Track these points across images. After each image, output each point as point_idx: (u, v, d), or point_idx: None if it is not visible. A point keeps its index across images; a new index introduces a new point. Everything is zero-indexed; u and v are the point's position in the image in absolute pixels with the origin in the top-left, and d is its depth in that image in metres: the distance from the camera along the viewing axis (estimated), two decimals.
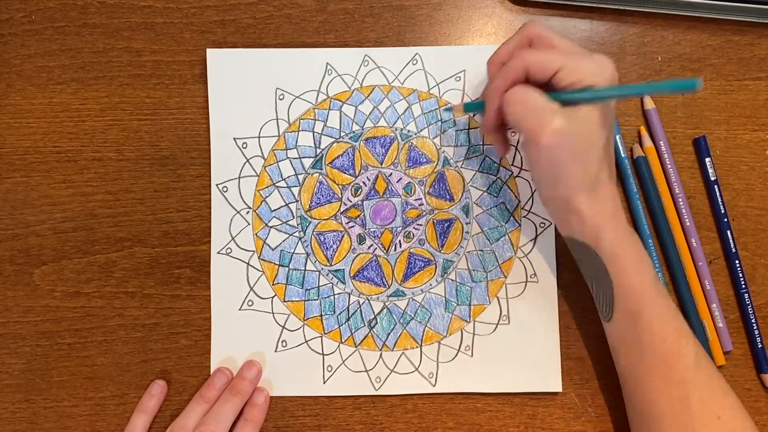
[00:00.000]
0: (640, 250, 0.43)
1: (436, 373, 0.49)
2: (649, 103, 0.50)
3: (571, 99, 0.39)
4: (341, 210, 0.50)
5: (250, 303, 0.49)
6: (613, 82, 0.40)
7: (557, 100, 0.39)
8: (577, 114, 0.39)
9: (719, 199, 0.49)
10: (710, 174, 0.49)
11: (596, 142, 0.40)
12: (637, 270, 0.42)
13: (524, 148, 0.42)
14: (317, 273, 0.49)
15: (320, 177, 0.50)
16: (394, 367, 0.49)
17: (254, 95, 0.50)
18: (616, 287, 0.42)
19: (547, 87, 0.40)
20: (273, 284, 0.49)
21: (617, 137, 0.49)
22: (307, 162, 0.50)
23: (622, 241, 0.42)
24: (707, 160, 0.50)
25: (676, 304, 0.49)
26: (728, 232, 0.49)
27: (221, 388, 0.47)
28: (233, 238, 0.49)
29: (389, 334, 0.49)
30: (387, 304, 0.49)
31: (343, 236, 0.49)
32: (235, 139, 0.50)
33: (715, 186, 0.49)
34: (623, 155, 0.49)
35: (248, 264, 0.49)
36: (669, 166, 0.49)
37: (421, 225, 0.50)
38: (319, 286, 0.49)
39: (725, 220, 0.49)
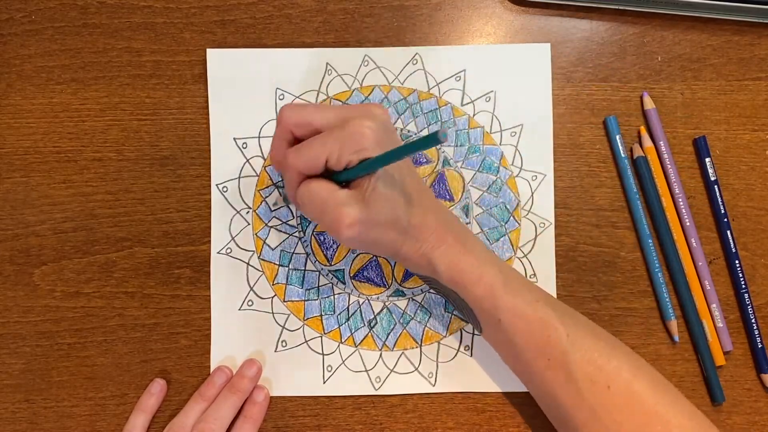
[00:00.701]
0: (478, 259, 0.42)
1: (436, 373, 0.49)
2: (649, 103, 0.50)
3: (352, 177, 0.39)
4: None
5: (250, 303, 0.49)
6: (388, 134, 0.39)
7: (341, 180, 0.39)
8: (365, 188, 0.38)
9: (719, 199, 0.49)
10: (710, 174, 0.49)
11: (394, 202, 0.39)
12: (479, 283, 0.42)
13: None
14: (317, 273, 0.49)
15: None
16: (394, 367, 0.49)
17: (254, 95, 0.50)
18: (471, 305, 0.43)
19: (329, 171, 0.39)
20: (273, 284, 0.49)
21: (617, 137, 0.49)
22: None
23: (456, 262, 0.42)
24: (707, 160, 0.50)
25: (676, 303, 0.49)
26: (728, 232, 0.49)
27: (221, 387, 0.47)
28: (233, 238, 0.49)
29: (389, 334, 0.49)
30: (387, 304, 0.49)
31: None
32: (235, 139, 0.50)
33: (716, 186, 0.49)
34: (623, 155, 0.49)
35: (248, 264, 0.49)
36: (669, 167, 0.50)
37: None
38: (319, 286, 0.49)
39: (725, 220, 0.49)
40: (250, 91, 0.50)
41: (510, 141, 0.50)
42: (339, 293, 0.49)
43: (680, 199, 0.49)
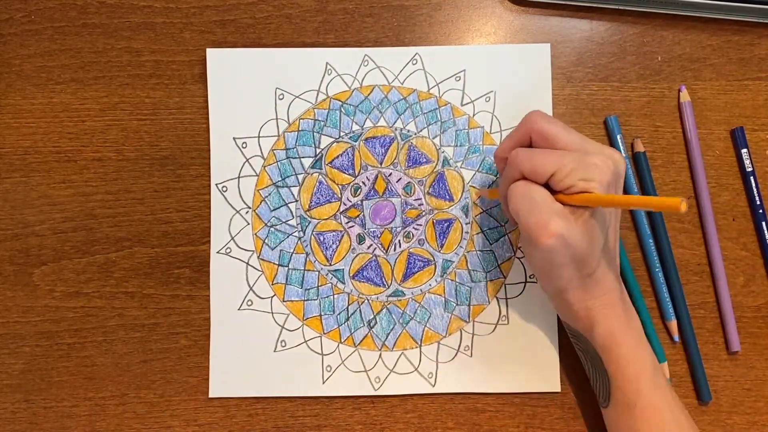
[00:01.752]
0: (637, 340, 0.42)
1: (436, 373, 0.49)
2: (685, 96, 0.50)
3: (569, 202, 0.39)
4: (341, 210, 0.50)
5: (249, 303, 0.49)
6: (618, 181, 0.39)
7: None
8: (578, 215, 0.39)
9: (755, 191, 0.49)
10: (746, 165, 0.49)
11: (596, 243, 0.40)
12: (632, 360, 0.41)
13: (522, 241, 0.42)
14: (317, 273, 0.49)
15: (320, 177, 0.50)
16: (394, 367, 0.49)
17: (254, 95, 0.50)
18: (612, 377, 0.42)
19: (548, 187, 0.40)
20: (272, 284, 0.49)
21: (618, 137, 0.49)
22: (307, 162, 0.50)
23: (617, 331, 0.41)
24: (744, 151, 0.49)
25: (675, 301, 0.49)
26: (763, 223, 0.49)
27: None
28: (233, 238, 0.49)
29: (389, 334, 0.49)
30: (386, 304, 0.49)
31: (342, 236, 0.49)
32: (234, 138, 0.50)
33: (752, 177, 0.49)
34: (624, 155, 0.49)
35: (248, 264, 0.49)
36: (697, 162, 0.50)
37: (420, 225, 0.50)
38: (318, 286, 0.49)
39: (761, 211, 0.49)
40: (249, 91, 0.50)
41: None
42: (338, 293, 0.49)
43: (704, 195, 0.49)
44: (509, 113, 0.50)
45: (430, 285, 0.49)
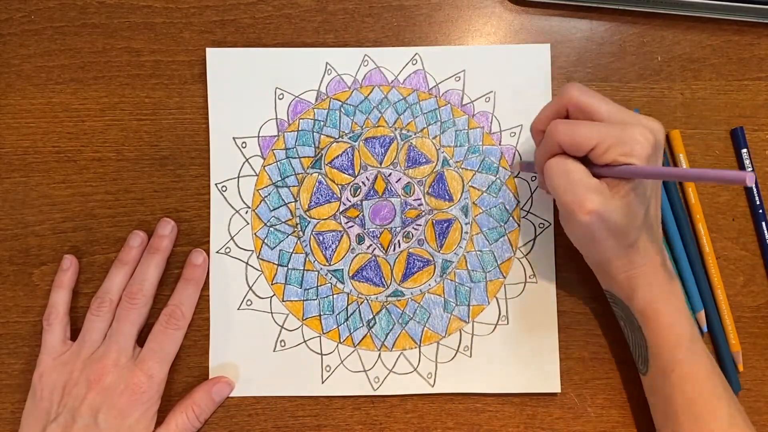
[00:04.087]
0: (677, 308, 0.42)
1: (435, 374, 0.49)
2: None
3: (604, 175, 0.39)
4: (340, 210, 0.50)
5: (248, 303, 0.49)
6: (657, 152, 0.39)
7: (592, 171, 0.39)
8: (617, 190, 0.39)
9: (755, 191, 0.50)
10: (746, 165, 0.49)
11: (635, 216, 0.40)
12: (670, 328, 0.42)
13: (561, 217, 0.42)
14: (316, 273, 0.49)
15: (319, 177, 0.50)
16: (393, 367, 0.49)
17: (254, 95, 0.50)
18: (650, 344, 0.42)
19: (586, 159, 0.40)
20: (272, 284, 0.49)
21: None
22: (307, 162, 0.50)
23: (657, 299, 0.42)
24: (744, 151, 0.49)
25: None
26: (763, 223, 0.49)
27: (139, 249, 0.48)
28: (232, 238, 0.49)
29: (388, 334, 0.49)
30: (386, 304, 0.49)
31: (342, 236, 0.49)
32: (234, 138, 0.50)
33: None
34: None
35: (247, 263, 0.49)
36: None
37: (420, 225, 0.49)
38: (317, 286, 0.49)
39: (761, 211, 0.49)
40: (249, 91, 0.50)
41: (510, 141, 0.50)
42: (338, 293, 0.49)
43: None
44: (509, 113, 0.50)
45: (429, 285, 0.49)
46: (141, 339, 0.47)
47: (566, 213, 0.40)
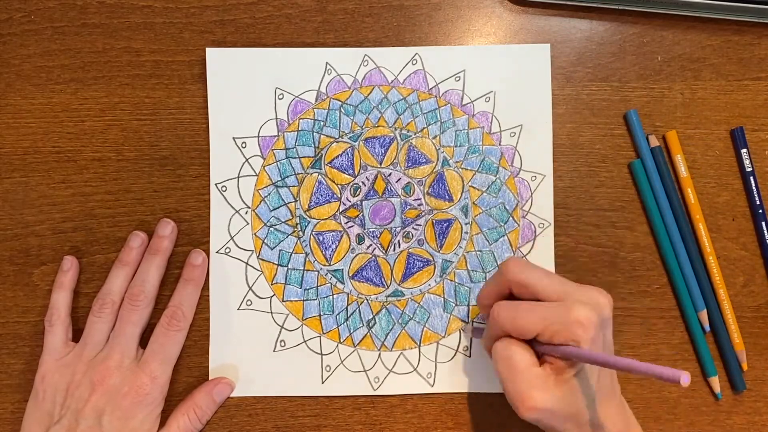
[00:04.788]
0: None
1: (435, 374, 0.49)
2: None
3: (551, 354, 0.38)
4: (340, 210, 0.50)
5: (248, 303, 0.49)
6: (604, 329, 0.38)
7: (540, 347, 0.39)
8: (563, 379, 0.38)
9: (755, 191, 0.49)
10: (746, 165, 0.49)
11: (585, 397, 0.39)
12: None
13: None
14: (316, 273, 0.49)
15: (319, 177, 0.50)
16: (393, 367, 0.49)
17: (254, 95, 0.50)
18: None
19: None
20: (272, 284, 0.49)
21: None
22: (307, 162, 0.50)
23: None
24: (743, 151, 0.49)
25: (704, 291, 0.49)
26: (763, 223, 0.49)
27: (139, 250, 0.48)
28: (232, 238, 0.49)
29: (388, 334, 0.49)
30: (386, 304, 0.49)
31: (342, 236, 0.49)
32: (234, 138, 0.50)
33: (751, 177, 0.49)
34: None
35: (247, 264, 0.49)
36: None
37: (420, 225, 0.50)
38: (317, 286, 0.49)
39: (761, 211, 0.49)
40: (249, 91, 0.50)
41: (509, 141, 0.50)
42: (338, 293, 0.49)
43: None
44: (509, 113, 0.50)
45: (429, 285, 0.49)
46: (143, 340, 0.47)
47: (512, 404, 0.39)
